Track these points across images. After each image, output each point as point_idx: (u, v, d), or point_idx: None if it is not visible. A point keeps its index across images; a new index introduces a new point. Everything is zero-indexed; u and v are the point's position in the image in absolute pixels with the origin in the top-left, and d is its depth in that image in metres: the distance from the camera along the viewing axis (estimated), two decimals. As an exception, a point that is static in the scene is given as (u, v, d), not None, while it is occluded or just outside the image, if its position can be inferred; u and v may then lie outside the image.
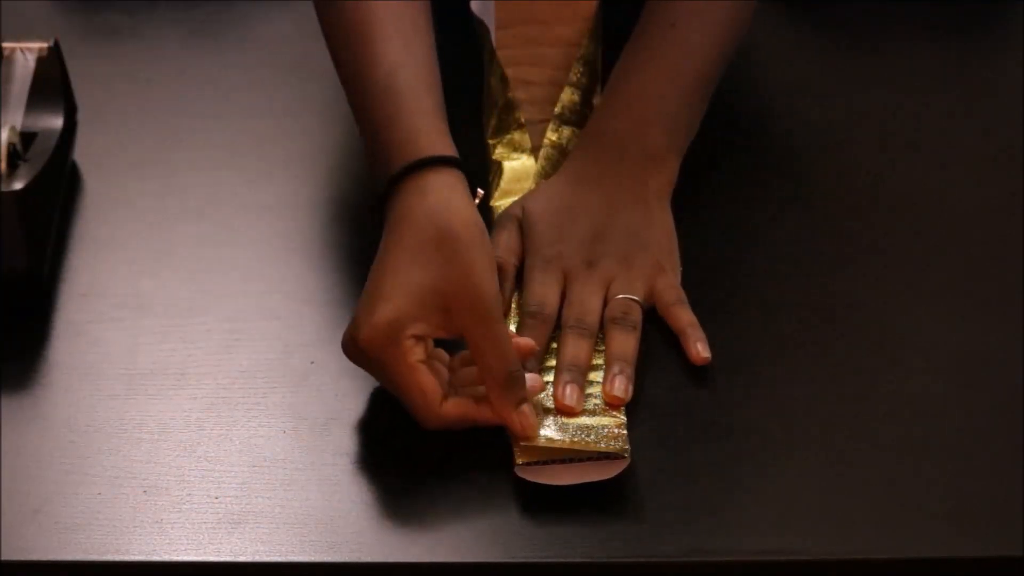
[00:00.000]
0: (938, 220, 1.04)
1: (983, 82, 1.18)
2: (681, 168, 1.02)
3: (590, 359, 0.93)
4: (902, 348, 0.94)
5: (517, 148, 1.07)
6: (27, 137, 0.95)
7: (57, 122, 0.97)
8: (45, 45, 1.00)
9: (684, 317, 0.95)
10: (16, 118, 0.96)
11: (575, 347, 0.92)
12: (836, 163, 1.09)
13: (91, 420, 0.89)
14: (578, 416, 0.89)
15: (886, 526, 0.84)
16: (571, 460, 0.86)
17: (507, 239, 0.98)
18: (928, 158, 1.09)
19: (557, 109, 1.07)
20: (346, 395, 0.91)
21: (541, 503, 0.85)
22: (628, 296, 0.95)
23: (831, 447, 0.88)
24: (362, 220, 1.04)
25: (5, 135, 0.93)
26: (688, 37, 1.02)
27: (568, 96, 1.08)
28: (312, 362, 0.93)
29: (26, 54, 0.99)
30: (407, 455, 0.87)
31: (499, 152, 1.07)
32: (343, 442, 0.88)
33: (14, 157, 0.93)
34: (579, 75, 1.10)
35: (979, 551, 0.83)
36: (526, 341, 0.91)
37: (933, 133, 1.12)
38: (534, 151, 1.06)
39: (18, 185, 0.91)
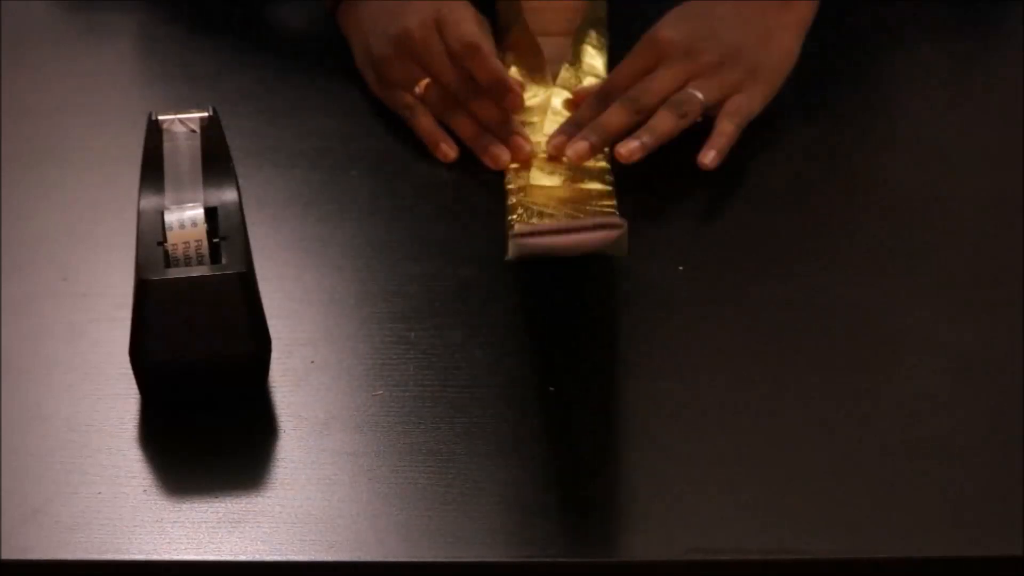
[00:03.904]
0: (938, 220, 1.04)
1: (983, 82, 1.18)
2: (678, 169, 1.02)
3: (619, 131, 0.97)
4: (902, 348, 0.94)
5: (524, 59, 1.12)
6: (208, 212, 0.90)
7: (232, 194, 0.91)
8: (204, 115, 0.95)
9: (721, 125, 1.01)
10: (198, 195, 0.91)
11: (613, 114, 1.00)
12: (835, 162, 1.09)
13: (91, 420, 0.89)
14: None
15: (886, 526, 0.84)
16: (566, 231, 0.86)
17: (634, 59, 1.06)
18: (928, 157, 1.09)
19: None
20: (346, 395, 0.91)
21: (541, 503, 0.85)
22: (694, 92, 0.99)
23: (831, 447, 0.88)
24: (364, 219, 1.04)
25: (200, 214, 0.89)
26: None
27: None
28: (312, 362, 0.93)
29: (187, 124, 0.95)
30: (407, 454, 0.87)
31: (507, 63, 1.12)
32: (343, 442, 0.88)
33: (210, 236, 0.89)
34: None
35: (979, 551, 0.83)
36: (558, 139, 1.01)
37: (933, 132, 1.12)
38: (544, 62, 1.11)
39: (240, 267, 0.87)
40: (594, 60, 1.13)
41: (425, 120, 1.09)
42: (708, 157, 1.01)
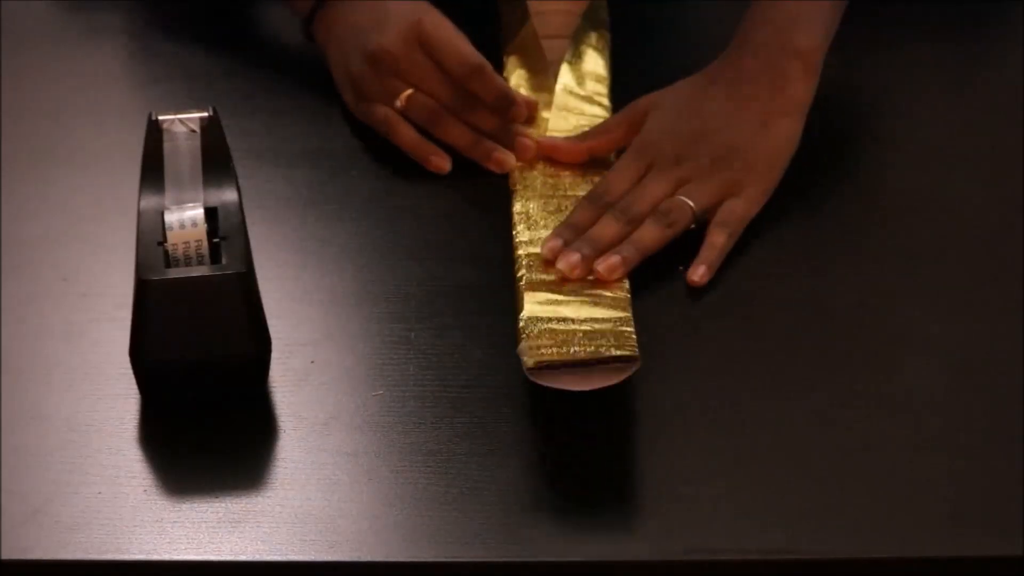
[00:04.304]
0: (938, 220, 1.04)
1: (983, 82, 1.18)
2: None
3: (612, 243, 0.96)
4: (902, 348, 0.94)
5: (528, 61, 1.12)
6: (208, 212, 0.90)
7: (232, 195, 0.91)
8: (204, 115, 0.95)
9: (712, 236, 0.98)
10: (198, 195, 0.91)
11: (604, 226, 0.97)
12: (836, 163, 1.09)
13: (91, 420, 0.89)
14: (586, 306, 0.92)
15: (886, 526, 0.84)
16: (582, 365, 0.87)
17: (614, 123, 1.05)
18: (928, 158, 1.09)
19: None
20: (346, 395, 0.91)
21: (541, 503, 0.85)
22: (684, 200, 0.97)
23: (831, 447, 0.88)
24: (364, 219, 1.04)
25: (200, 214, 0.89)
26: None
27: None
28: (312, 362, 0.93)
29: (187, 124, 0.95)
30: (407, 454, 0.87)
31: (510, 65, 1.13)
32: (343, 442, 0.88)
33: (210, 236, 0.88)
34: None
35: (979, 551, 0.83)
36: (552, 243, 0.96)
37: (933, 133, 1.12)
38: (548, 63, 1.12)
39: (240, 267, 0.87)
40: (595, 63, 1.13)
41: (407, 133, 1.07)
42: (697, 274, 0.96)
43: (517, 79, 1.12)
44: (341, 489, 0.86)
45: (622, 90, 1.11)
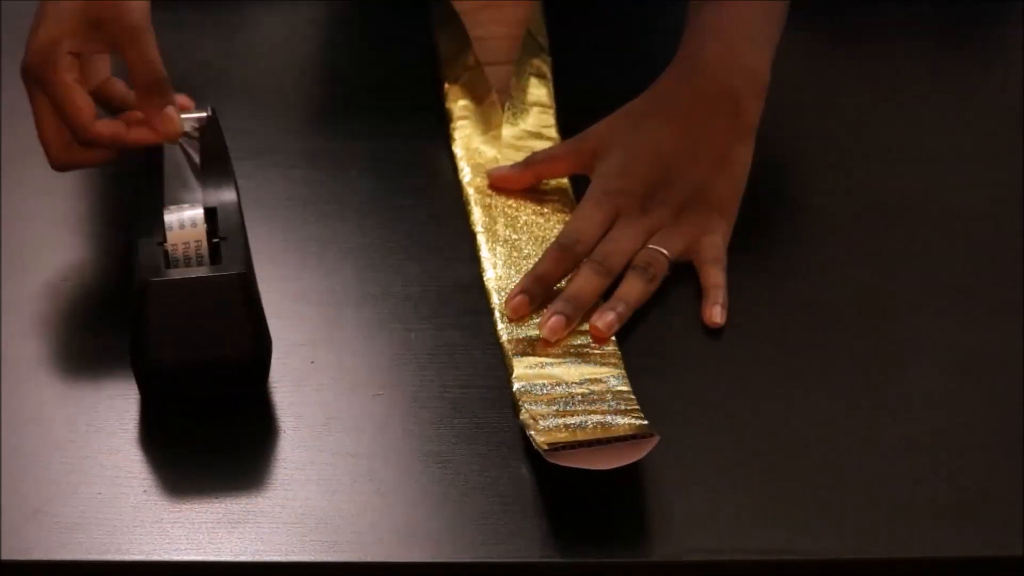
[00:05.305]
0: (938, 220, 1.04)
1: (983, 82, 1.18)
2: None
3: (594, 298, 0.95)
4: (902, 348, 0.94)
5: (472, 90, 1.11)
6: (208, 212, 0.90)
7: (231, 195, 0.91)
8: (204, 115, 0.95)
9: (712, 277, 0.97)
10: (198, 195, 0.91)
11: (584, 281, 0.96)
12: (835, 163, 1.09)
13: (91, 420, 0.89)
14: (577, 363, 0.91)
15: (886, 526, 0.84)
16: (598, 443, 0.86)
17: (562, 151, 1.03)
18: (927, 158, 1.09)
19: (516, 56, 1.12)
20: (346, 395, 0.91)
21: (541, 503, 0.85)
22: (659, 249, 0.97)
23: (831, 447, 0.88)
24: (362, 219, 1.04)
25: (200, 214, 0.88)
26: None
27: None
28: (312, 362, 0.93)
29: (186, 124, 0.94)
30: (407, 455, 0.87)
31: (453, 95, 1.11)
32: (343, 442, 0.88)
33: (209, 237, 0.88)
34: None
35: (979, 551, 0.83)
36: (518, 299, 0.95)
37: (932, 133, 1.12)
38: (493, 92, 1.10)
39: (240, 268, 0.87)
40: (538, 90, 1.12)
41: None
42: (716, 315, 0.95)
43: (462, 110, 1.11)
44: (341, 489, 0.86)
45: (572, 112, 1.10)
